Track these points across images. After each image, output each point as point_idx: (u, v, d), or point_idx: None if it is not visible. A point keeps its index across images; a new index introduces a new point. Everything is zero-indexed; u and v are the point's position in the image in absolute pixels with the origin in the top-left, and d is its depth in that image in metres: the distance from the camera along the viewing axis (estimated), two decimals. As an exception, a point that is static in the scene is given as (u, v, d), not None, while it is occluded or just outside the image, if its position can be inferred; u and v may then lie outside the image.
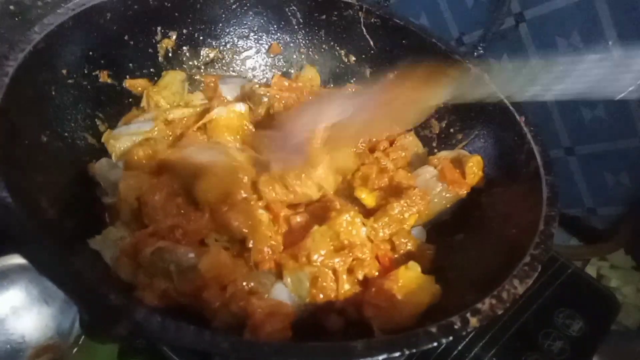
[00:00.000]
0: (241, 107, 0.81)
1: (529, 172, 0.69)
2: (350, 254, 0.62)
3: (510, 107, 0.77)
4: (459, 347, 0.73)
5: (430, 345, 0.46)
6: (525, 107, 0.77)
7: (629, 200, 0.97)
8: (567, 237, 1.07)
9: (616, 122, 0.92)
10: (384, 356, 0.44)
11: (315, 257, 0.60)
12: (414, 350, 0.45)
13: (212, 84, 0.91)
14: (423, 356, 0.70)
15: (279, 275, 0.63)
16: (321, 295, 0.60)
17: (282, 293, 0.60)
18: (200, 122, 0.78)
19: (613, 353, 0.90)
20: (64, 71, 0.70)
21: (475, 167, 0.75)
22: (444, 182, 0.75)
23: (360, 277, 0.63)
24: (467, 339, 0.73)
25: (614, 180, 0.95)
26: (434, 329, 0.47)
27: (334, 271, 0.61)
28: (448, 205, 0.75)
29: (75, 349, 0.68)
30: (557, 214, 0.62)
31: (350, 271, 0.63)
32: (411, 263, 0.63)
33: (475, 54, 0.90)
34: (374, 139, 0.88)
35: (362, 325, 0.61)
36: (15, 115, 0.59)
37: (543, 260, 0.56)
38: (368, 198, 0.69)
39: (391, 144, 0.87)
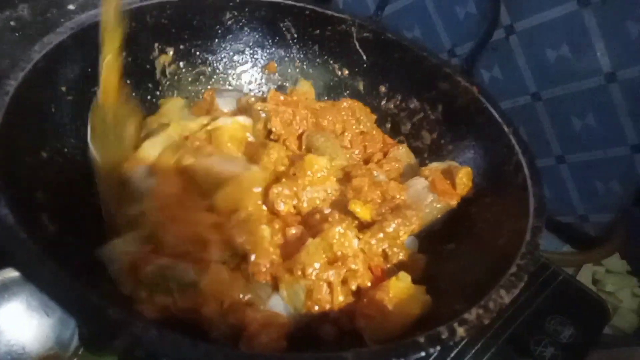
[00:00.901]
0: (245, 120, 0.83)
1: (517, 183, 0.71)
2: (344, 266, 0.63)
3: (499, 119, 0.79)
4: (452, 355, 0.75)
5: (418, 355, 0.47)
6: (517, 116, 0.79)
7: (620, 207, 0.99)
8: (560, 243, 1.08)
9: (606, 131, 0.94)
10: (373, 367, 0.45)
11: (310, 270, 0.61)
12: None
13: (209, 98, 0.93)
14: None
15: (275, 287, 0.65)
16: (316, 307, 0.62)
17: (278, 305, 0.62)
18: (206, 129, 0.80)
19: (609, 357, 0.92)
20: (63, 88, 0.72)
21: (465, 178, 0.77)
22: (435, 192, 0.77)
23: (354, 287, 0.65)
24: (459, 347, 0.75)
25: (605, 187, 0.97)
26: (421, 339, 0.48)
27: (329, 284, 0.62)
28: (439, 216, 0.77)
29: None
30: (544, 224, 0.63)
31: (344, 282, 0.65)
32: (402, 274, 0.65)
33: (466, 66, 0.92)
34: (369, 151, 0.90)
35: (356, 334, 0.63)
36: (15, 133, 0.60)
37: (530, 271, 0.57)
38: (363, 211, 0.71)
39: (385, 155, 0.89)
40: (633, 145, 0.91)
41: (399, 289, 0.62)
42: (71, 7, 0.87)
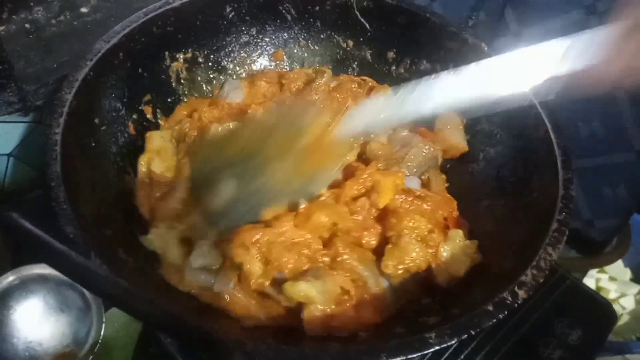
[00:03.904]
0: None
1: (539, 136, 0.75)
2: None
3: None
4: (462, 356, 0.78)
5: (490, 323, 0.54)
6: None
7: (626, 212, 1.00)
8: (567, 249, 1.08)
9: (612, 137, 0.95)
10: (455, 341, 0.52)
11: (407, 261, 0.68)
12: (478, 330, 0.53)
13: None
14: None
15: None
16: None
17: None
18: None
19: None
20: (96, 120, 0.75)
21: None
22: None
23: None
24: (469, 349, 0.78)
25: (611, 193, 0.98)
26: (490, 307, 0.55)
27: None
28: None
29: (91, 357, 0.73)
30: (573, 175, 0.68)
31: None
32: (452, 232, 0.72)
33: (470, 23, 0.93)
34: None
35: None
36: (73, 180, 0.63)
37: (569, 224, 0.63)
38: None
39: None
40: (639, 151, 0.93)
41: (447, 251, 0.69)
42: (84, 10, 0.87)
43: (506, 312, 0.55)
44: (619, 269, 1.34)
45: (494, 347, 0.80)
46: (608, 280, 1.34)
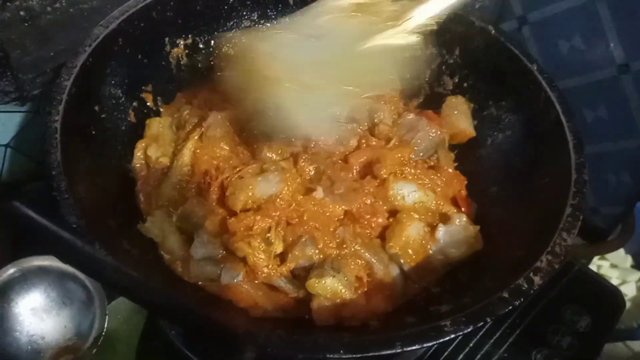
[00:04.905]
0: None
1: (550, 120, 0.73)
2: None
3: (521, 56, 0.80)
4: (471, 344, 0.77)
5: (506, 310, 0.53)
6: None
7: (630, 199, 0.99)
8: None
9: (617, 123, 0.94)
10: (470, 329, 0.51)
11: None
12: (493, 318, 0.52)
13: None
14: (435, 353, 0.76)
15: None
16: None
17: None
18: (199, 131, 0.77)
19: (613, 350, 0.94)
20: (96, 108, 0.73)
21: None
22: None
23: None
24: (477, 337, 0.77)
25: (616, 179, 0.97)
26: (505, 294, 0.54)
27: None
28: None
29: (94, 350, 0.72)
30: (585, 160, 0.67)
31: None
32: (457, 215, 0.71)
33: (477, 5, 0.91)
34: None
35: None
36: (74, 169, 0.62)
37: (583, 209, 0.62)
38: None
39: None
40: (644, 137, 0.91)
41: (444, 232, 0.68)
42: (80, -4, 0.84)
43: (522, 299, 0.53)
44: (619, 256, 1.34)
45: (502, 335, 0.79)
46: (609, 267, 1.33)
